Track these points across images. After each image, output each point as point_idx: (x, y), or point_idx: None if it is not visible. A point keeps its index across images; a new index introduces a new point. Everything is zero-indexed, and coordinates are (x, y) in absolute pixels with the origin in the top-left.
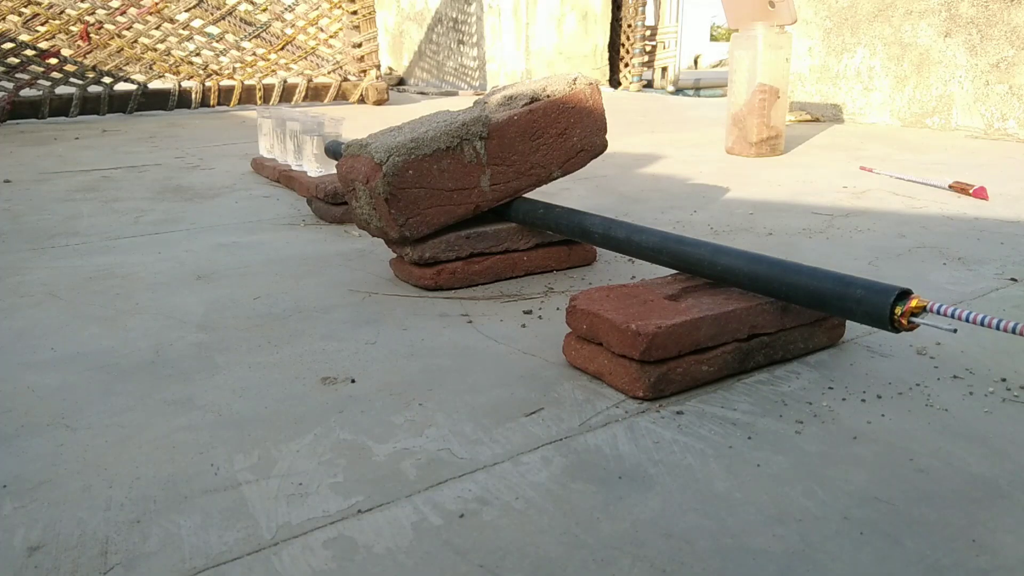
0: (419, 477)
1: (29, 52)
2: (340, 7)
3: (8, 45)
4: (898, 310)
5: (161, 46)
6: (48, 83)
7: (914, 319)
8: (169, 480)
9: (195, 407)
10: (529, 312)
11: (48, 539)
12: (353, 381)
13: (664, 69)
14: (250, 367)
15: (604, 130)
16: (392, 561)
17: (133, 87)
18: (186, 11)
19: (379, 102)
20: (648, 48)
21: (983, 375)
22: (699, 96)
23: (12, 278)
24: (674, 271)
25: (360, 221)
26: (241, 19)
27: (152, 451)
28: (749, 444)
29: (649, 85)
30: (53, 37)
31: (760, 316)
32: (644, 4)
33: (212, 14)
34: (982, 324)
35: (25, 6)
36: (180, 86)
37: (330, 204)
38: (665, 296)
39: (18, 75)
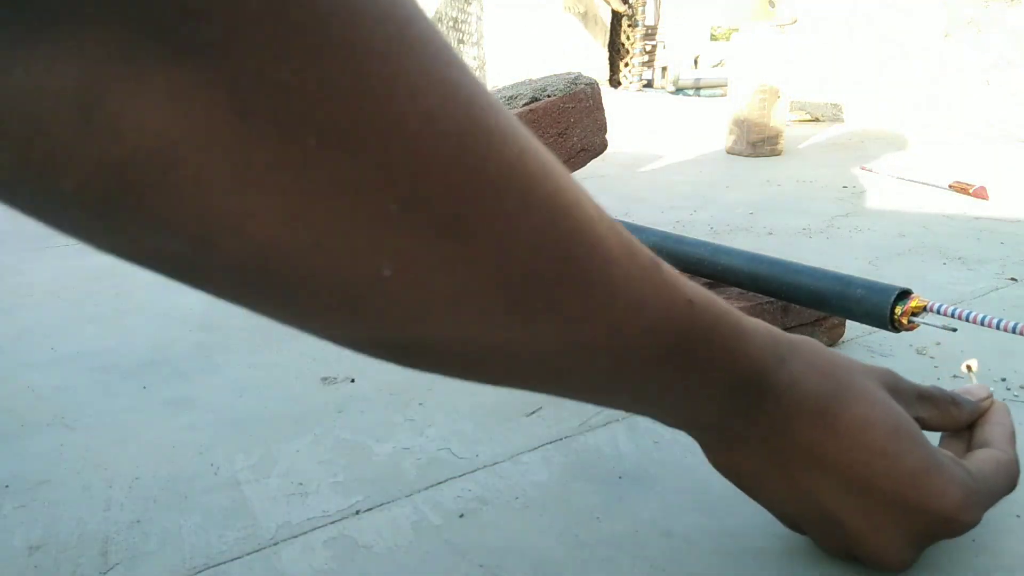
0: (419, 476)
1: None
2: None
3: None
4: (898, 310)
5: None
6: None
7: (914, 319)
8: (169, 480)
9: (195, 407)
10: None
11: (48, 539)
12: (353, 381)
13: (664, 69)
14: (250, 367)
15: (604, 130)
16: (392, 561)
17: None
18: None
19: None
20: (648, 48)
21: (983, 375)
22: (699, 96)
23: (12, 278)
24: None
25: None
26: None
27: (152, 451)
28: None
29: (649, 85)
30: None
31: (760, 316)
32: (644, 4)
33: None
34: (982, 324)
35: None
36: None
37: None
38: None
39: None
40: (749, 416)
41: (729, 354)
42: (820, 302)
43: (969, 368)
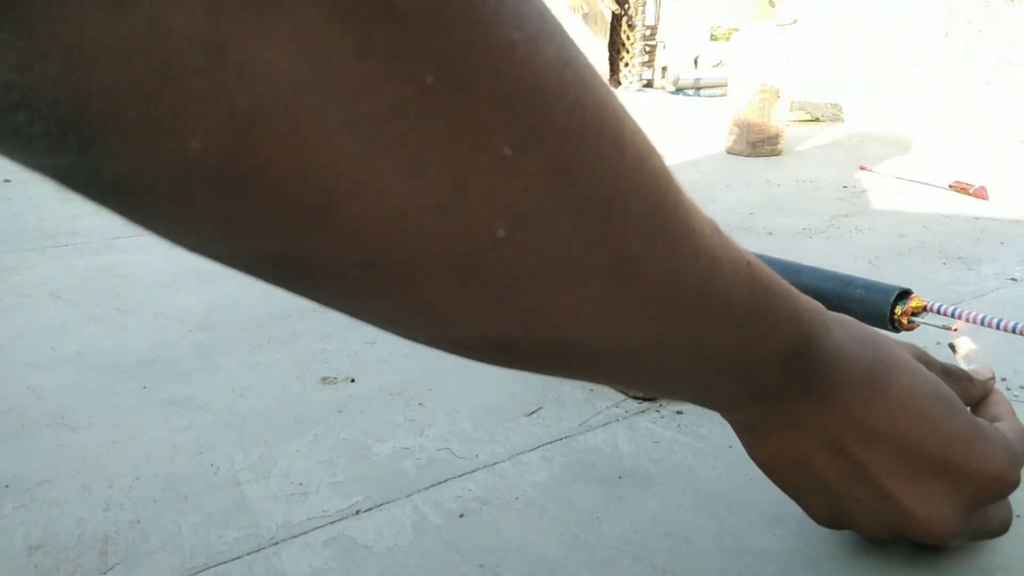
0: (419, 476)
1: None
2: None
3: None
4: (898, 310)
5: None
6: None
7: (914, 319)
8: (169, 480)
9: (195, 407)
10: None
11: (48, 539)
12: (353, 381)
13: (664, 69)
14: (250, 367)
15: None
16: (392, 561)
17: None
18: None
19: None
20: (648, 48)
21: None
22: (699, 96)
23: (12, 278)
24: None
25: None
26: None
27: (152, 451)
28: None
29: (649, 85)
30: None
31: None
32: (644, 4)
33: None
34: (982, 324)
35: None
36: None
37: None
38: None
39: None
40: (804, 389)
41: (786, 316)
42: (820, 302)
43: (953, 348)
